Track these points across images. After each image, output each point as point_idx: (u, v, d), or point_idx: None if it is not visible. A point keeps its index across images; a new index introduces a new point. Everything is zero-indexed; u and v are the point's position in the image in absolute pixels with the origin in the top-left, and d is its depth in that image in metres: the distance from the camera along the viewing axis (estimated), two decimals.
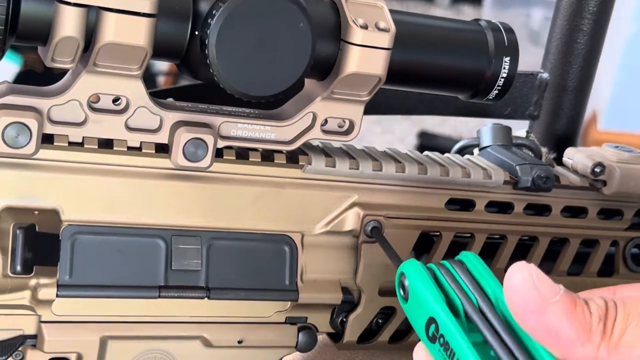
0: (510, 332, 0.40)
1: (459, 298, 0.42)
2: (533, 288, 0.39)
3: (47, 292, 0.49)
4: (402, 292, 0.45)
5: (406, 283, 0.44)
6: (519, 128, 0.73)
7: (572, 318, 0.39)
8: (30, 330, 0.50)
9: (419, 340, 0.44)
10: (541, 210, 0.63)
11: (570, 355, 0.39)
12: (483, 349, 0.40)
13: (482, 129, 0.68)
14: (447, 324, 0.41)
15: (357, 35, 0.50)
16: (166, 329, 0.53)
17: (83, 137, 0.50)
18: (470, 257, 0.44)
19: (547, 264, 0.64)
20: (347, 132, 0.54)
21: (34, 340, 0.51)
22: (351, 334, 0.58)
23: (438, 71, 0.54)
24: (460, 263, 0.44)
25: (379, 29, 0.51)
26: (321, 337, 0.59)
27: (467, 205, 0.60)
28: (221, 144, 0.52)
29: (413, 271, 0.44)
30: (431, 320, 0.42)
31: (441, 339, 0.41)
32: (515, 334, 0.40)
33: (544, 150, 0.68)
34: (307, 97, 0.53)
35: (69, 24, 0.45)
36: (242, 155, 0.53)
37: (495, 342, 0.40)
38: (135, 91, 0.49)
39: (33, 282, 0.50)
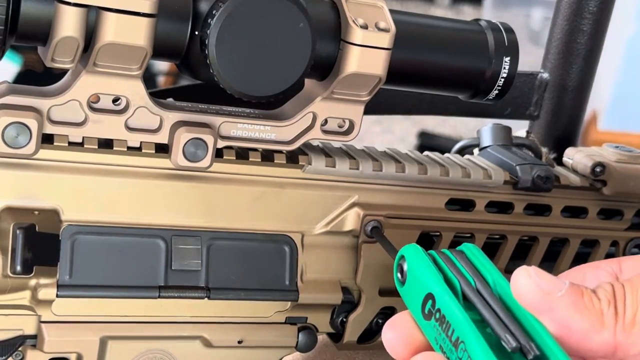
0: (508, 312, 0.40)
1: (457, 279, 0.42)
2: (536, 287, 0.39)
3: (47, 292, 0.49)
4: (399, 276, 0.45)
5: (405, 266, 0.44)
6: (519, 128, 0.72)
7: (581, 308, 0.38)
8: (30, 330, 0.50)
9: None
10: (541, 210, 0.63)
11: (589, 346, 0.38)
12: (480, 326, 0.40)
13: (482, 129, 0.68)
14: (444, 296, 0.41)
15: (357, 35, 0.50)
16: (166, 329, 0.53)
17: (83, 137, 0.50)
18: (471, 247, 0.44)
19: (547, 264, 0.64)
20: (347, 132, 0.54)
21: (34, 340, 0.51)
22: (351, 334, 0.58)
23: (438, 71, 0.54)
24: (461, 252, 0.44)
25: (379, 29, 0.51)
26: (321, 337, 0.58)
27: (467, 205, 0.60)
28: (221, 144, 0.52)
29: (413, 253, 0.44)
30: (428, 297, 0.42)
31: (437, 314, 0.41)
32: (513, 315, 0.40)
33: (544, 150, 0.68)
34: (307, 97, 0.53)
35: (69, 24, 0.45)
36: (242, 155, 0.53)
37: (492, 318, 0.40)
38: (135, 91, 0.49)
39: (33, 282, 0.50)
